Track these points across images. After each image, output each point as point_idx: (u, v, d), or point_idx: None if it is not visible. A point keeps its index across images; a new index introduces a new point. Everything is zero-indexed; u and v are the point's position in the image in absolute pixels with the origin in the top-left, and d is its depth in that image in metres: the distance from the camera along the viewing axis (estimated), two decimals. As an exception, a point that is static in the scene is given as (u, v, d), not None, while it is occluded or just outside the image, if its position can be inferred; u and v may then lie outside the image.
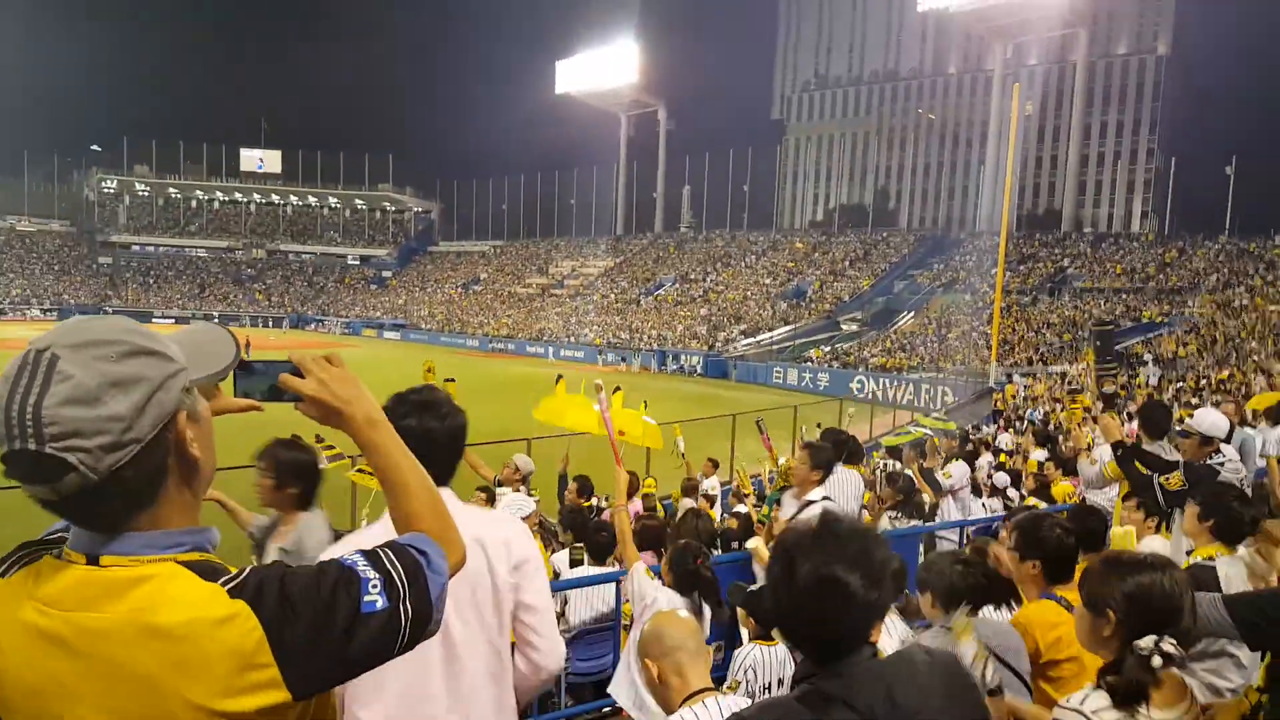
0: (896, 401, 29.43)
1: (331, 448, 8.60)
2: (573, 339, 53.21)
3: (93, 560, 1.05)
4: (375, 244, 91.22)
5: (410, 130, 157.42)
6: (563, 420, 7.95)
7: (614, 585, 4.93)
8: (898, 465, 8.72)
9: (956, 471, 8.04)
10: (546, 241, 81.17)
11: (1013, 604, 2.99)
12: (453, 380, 7.33)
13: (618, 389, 8.94)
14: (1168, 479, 4.47)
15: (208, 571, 1.06)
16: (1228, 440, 5.08)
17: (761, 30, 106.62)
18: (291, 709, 1.04)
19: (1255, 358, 24.97)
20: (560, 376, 8.03)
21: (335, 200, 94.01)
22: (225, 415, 1.28)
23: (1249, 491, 4.75)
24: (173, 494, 1.10)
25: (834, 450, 4.82)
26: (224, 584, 1.04)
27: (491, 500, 7.07)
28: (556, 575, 5.60)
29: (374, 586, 1.09)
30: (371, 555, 1.14)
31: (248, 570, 1.07)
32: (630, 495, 7.18)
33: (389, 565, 1.13)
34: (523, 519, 5.02)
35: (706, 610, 3.64)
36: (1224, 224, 47.04)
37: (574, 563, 5.80)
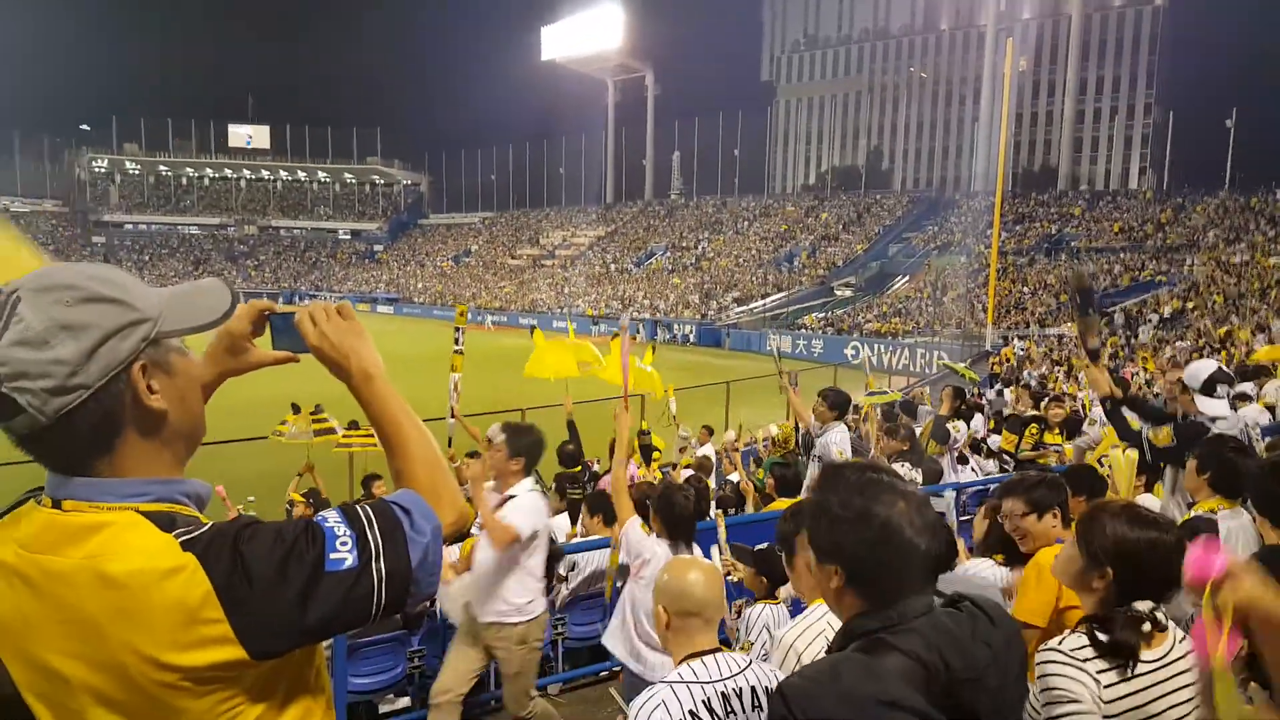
0: (892, 367, 29.40)
1: (325, 420, 8.48)
2: (564, 310, 53.00)
3: (56, 505, 1.06)
4: (365, 218, 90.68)
5: (397, 103, 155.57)
6: (544, 370, 7.83)
7: (609, 552, 4.87)
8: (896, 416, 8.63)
9: (961, 429, 7.96)
10: (536, 212, 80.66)
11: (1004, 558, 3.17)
12: (460, 352, 7.31)
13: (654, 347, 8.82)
14: (1156, 433, 4.32)
15: (166, 522, 1.05)
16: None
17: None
18: (254, 668, 1.02)
19: (1256, 315, 24.91)
20: (534, 326, 7.92)
21: (324, 175, 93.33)
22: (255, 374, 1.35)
23: (1258, 445, 4.64)
24: (133, 444, 1.09)
25: (534, 440, 3.89)
26: (178, 535, 1.03)
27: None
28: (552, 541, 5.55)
29: (343, 544, 1.06)
30: (348, 512, 1.11)
31: (209, 524, 1.07)
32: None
33: (364, 522, 1.10)
34: None
35: (699, 555, 3.63)
36: (1224, 179, 46.71)
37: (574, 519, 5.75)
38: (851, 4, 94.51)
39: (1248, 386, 8.01)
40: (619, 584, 3.92)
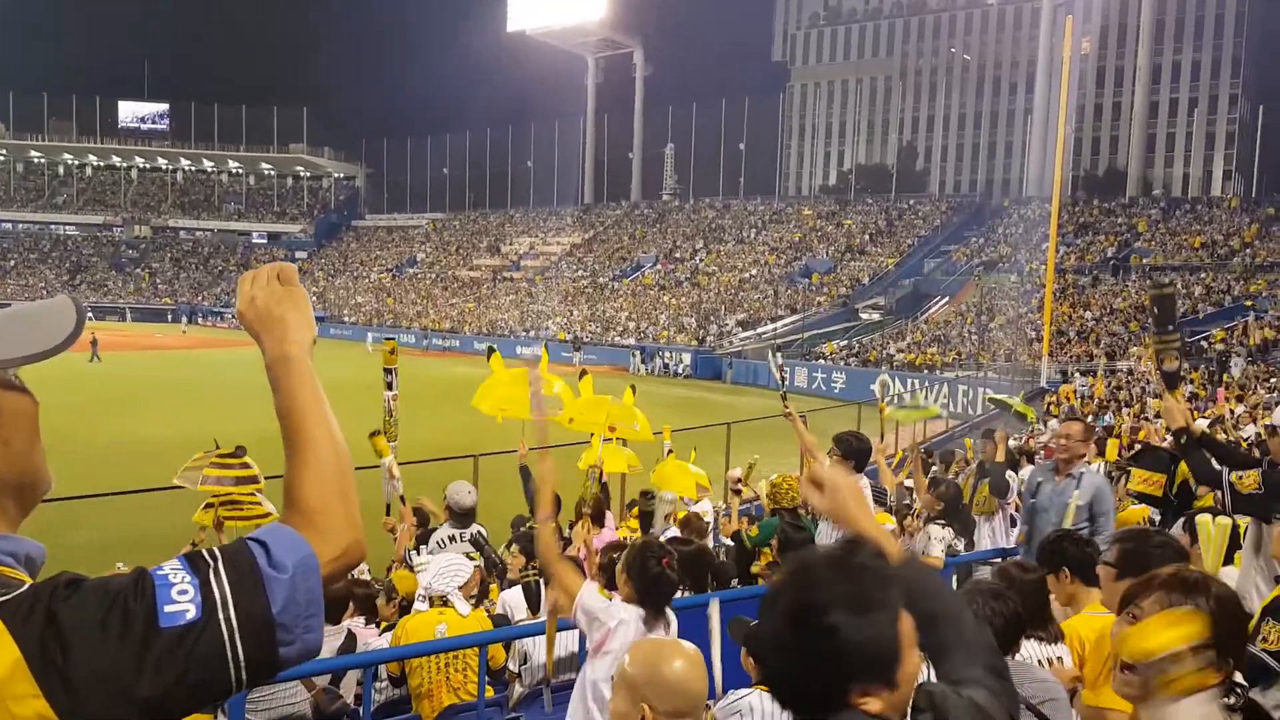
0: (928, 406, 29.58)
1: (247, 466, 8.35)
2: (532, 333, 53.06)
3: None
4: (286, 218, 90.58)
5: (329, 78, 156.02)
6: (489, 403, 7.82)
7: (579, 633, 4.87)
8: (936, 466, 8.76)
9: (1013, 484, 8.03)
10: (498, 213, 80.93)
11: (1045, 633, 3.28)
12: (379, 433, 7.29)
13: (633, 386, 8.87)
14: (1241, 478, 4.43)
15: None
16: None
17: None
18: None
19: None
20: (492, 349, 7.89)
21: (236, 164, 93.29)
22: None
23: None
24: None
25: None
26: None
27: (424, 540, 6.97)
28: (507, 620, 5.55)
29: (181, 593, 1.04)
30: (191, 556, 1.10)
31: (28, 584, 1.07)
32: (598, 520, 7.11)
33: (209, 565, 1.08)
34: (459, 588, 4.93)
35: (674, 625, 3.67)
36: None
37: (529, 595, 5.74)
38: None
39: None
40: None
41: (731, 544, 8.20)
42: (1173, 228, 46.98)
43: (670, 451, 10.61)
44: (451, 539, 6.77)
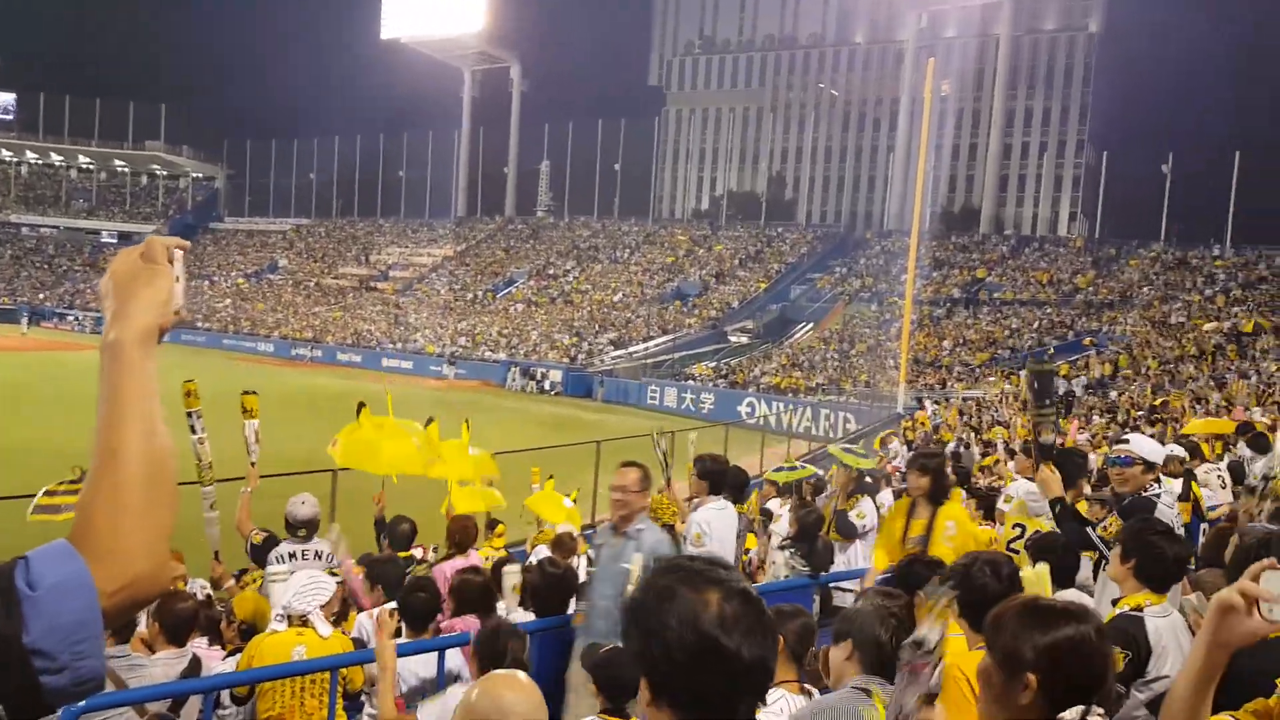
0: (791, 429, 30.28)
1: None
2: (400, 345, 52.02)
3: None
4: (139, 217, 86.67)
5: (191, 74, 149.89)
6: (376, 462, 7.55)
7: (437, 655, 4.73)
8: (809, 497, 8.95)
9: (868, 511, 8.20)
10: (367, 222, 79.52)
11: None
12: (253, 393, 7.11)
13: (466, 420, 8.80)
14: (1105, 526, 4.66)
15: None
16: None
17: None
18: None
19: (1191, 384, 27.08)
20: (362, 404, 7.59)
21: (87, 160, 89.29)
22: None
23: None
24: None
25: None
26: None
27: (262, 554, 6.66)
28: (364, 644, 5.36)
29: None
30: None
31: None
32: (465, 548, 6.96)
33: None
34: (322, 606, 4.70)
35: None
36: (1160, 230, 51.04)
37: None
38: (755, 4, 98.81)
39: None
40: None
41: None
42: (1021, 264, 49.66)
43: (545, 483, 10.69)
44: (292, 555, 6.44)
